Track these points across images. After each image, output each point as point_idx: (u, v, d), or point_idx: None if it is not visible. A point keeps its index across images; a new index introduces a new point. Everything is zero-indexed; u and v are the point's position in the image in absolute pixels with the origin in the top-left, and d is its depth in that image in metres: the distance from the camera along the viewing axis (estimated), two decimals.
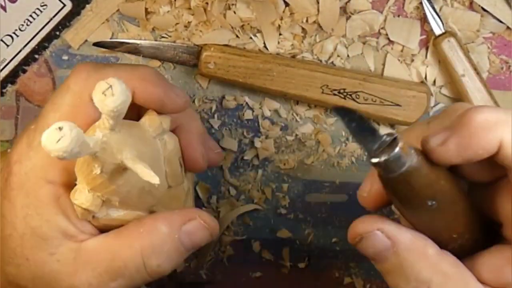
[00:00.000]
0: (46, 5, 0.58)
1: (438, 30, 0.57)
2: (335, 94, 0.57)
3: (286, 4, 0.57)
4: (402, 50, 0.59)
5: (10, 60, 0.58)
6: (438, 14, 0.57)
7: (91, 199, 0.43)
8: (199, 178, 0.61)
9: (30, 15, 0.58)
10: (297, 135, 0.60)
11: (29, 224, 0.44)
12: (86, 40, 0.59)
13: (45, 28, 0.58)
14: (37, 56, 0.59)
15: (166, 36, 0.59)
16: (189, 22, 0.58)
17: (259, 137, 0.60)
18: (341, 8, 0.57)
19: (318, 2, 0.57)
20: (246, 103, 0.60)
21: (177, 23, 0.58)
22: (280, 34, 0.58)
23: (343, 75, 0.57)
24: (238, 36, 0.58)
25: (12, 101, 0.60)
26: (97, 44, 0.59)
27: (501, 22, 0.58)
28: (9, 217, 0.45)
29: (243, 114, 0.60)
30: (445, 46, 0.57)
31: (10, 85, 0.59)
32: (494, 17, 0.58)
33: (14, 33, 0.58)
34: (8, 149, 0.59)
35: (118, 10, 0.58)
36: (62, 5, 0.58)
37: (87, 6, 0.58)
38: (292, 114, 0.60)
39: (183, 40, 0.58)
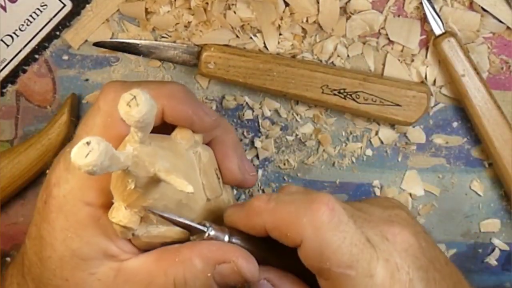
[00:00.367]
0: (46, 5, 0.58)
1: (438, 30, 0.57)
2: (335, 94, 0.57)
3: (286, 4, 0.57)
4: (402, 50, 0.59)
5: (10, 60, 0.58)
6: (438, 14, 0.57)
7: (129, 216, 0.43)
8: None
9: (30, 15, 0.58)
10: (297, 135, 0.60)
11: (69, 246, 0.44)
12: (86, 40, 0.59)
13: (45, 28, 0.58)
14: (37, 56, 0.59)
15: (166, 36, 0.59)
16: (189, 22, 0.58)
17: (259, 137, 0.60)
18: (341, 8, 0.57)
19: (318, 2, 0.57)
20: (246, 103, 0.60)
21: (177, 23, 0.58)
22: (280, 34, 0.58)
23: (343, 75, 0.57)
24: (238, 36, 0.58)
25: (12, 101, 0.60)
26: (97, 44, 0.59)
27: (501, 22, 0.58)
28: (48, 239, 0.45)
29: (243, 114, 0.60)
30: (445, 46, 0.57)
31: (10, 85, 0.59)
32: (494, 17, 0.58)
33: (14, 33, 0.58)
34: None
35: (118, 10, 0.58)
36: (62, 5, 0.58)
37: (87, 6, 0.58)
38: (292, 114, 0.60)
39: (183, 40, 0.58)
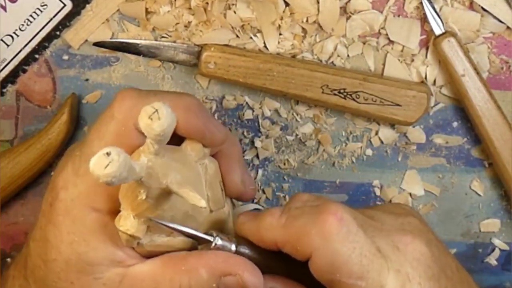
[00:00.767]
0: (46, 5, 0.58)
1: (438, 30, 0.57)
2: (335, 94, 0.57)
3: (286, 4, 0.57)
4: (402, 50, 0.59)
5: (10, 60, 0.58)
6: (438, 14, 0.57)
7: (137, 225, 0.43)
8: None
9: (30, 15, 0.58)
10: (297, 135, 0.60)
11: (75, 249, 0.44)
12: (86, 40, 0.59)
13: (45, 28, 0.58)
14: (37, 56, 0.59)
15: (166, 36, 0.59)
16: (189, 22, 0.58)
17: (259, 137, 0.60)
18: (341, 8, 0.57)
19: (318, 2, 0.57)
20: (246, 103, 0.60)
21: (177, 23, 0.58)
22: (280, 34, 0.58)
23: (343, 75, 0.57)
24: (238, 36, 0.58)
25: (12, 101, 0.60)
26: (97, 44, 0.59)
27: (501, 22, 0.58)
28: (54, 241, 0.45)
29: (243, 114, 0.60)
30: (445, 46, 0.57)
31: (10, 85, 0.59)
32: (494, 17, 0.58)
33: (14, 33, 0.58)
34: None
35: (118, 10, 0.58)
36: (62, 5, 0.58)
37: (87, 6, 0.58)
38: (292, 114, 0.60)
39: (183, 40, 0.58)
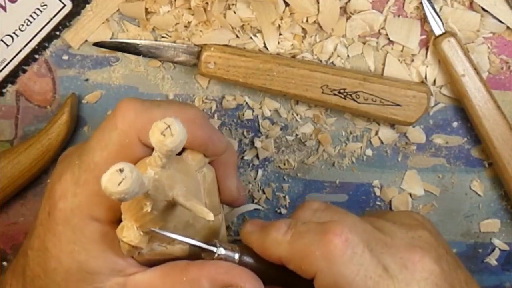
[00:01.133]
0: (46, 5, 0.58)
1: (438, 30, 0.57)
2: (335, 94, 0.57)
3: (286, 4, 0.57)
4: (402, 50, 0.59)
5: (10, 60, 0.58)
6: (438, 14, 0.57)
7: (140, 236, 0.43)
8: None
9: (30, 15, 0.58)
10: (297, 135, 0.60)
11: (75, 259, 0.44)
12: (86, 40, 0.59)
13: (45, 28, 0.58)
14: (37, 56, 0.59)
15: (166, 36, 0.59)
16: (189, 22, 0.58)
17: (259, 137, 0.60)
18: (341, 8, 0.57)
19: (318, 2, 0.57)
20: (246, 103, 0.60)
21: (177, 23, 0.58)
22: (280, 34, 0.58)
23: (343, 75, 0.57)
24: (238, 36, 0.58)
25: (12, 101, 0.60)
26: (97, 44, 0.59)
27: (501, 22, 0.58)
28: (54, 251, 0.45)
29: (243, 114, 0.60)
30: (445, 46, 0.57)
31: (10, 85, 0.59)
32: (494, 17, 0.58)
33: (14, 33, 0.58)
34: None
35: (118, 10, 0.58)
36: (62, 5, 0.58)
37: (87, 6, 0.58)
38: (292, 114, 0.60)
39: (183, 40, 0.58)
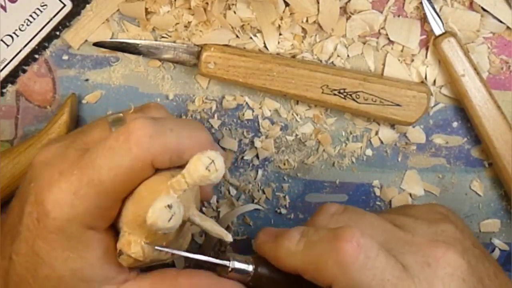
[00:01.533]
0: (46, 5, 0.58)
1: (438, 30, 0.57)
2: (335, 94, 0.57)
3: (286, 4, 0.57)
4: (402, 50, 0.59)
5: (10, 60, 0.58)
6: (438, 14, 0.57)
7: (147, 251, 0.44)
8: None
9: (30, 15, 0.58)
10: (297, 135, 0.60)
11: (69, 266, 0.45)
12: (86, 40, 0.59)
13: (45, 28, 0.58)
14: (37, 56, 0.59)
15: (166, 36, 0.59)
16: (189, 22, 0.58)
17: (259, 137, 0.60)
18: (341, 8, 0.57)
19: (318, 2, 0.57)
20: (246, 103, 0.60)
21: (177, 23, 0.58)
22: (280, 34, 0.58)
23: (343, 75, 0.57)
24: (238, 36, 0.58)
25: (12, 101, 0.60)
26: (97, 44, 0.59)
27: (501, 22, 0.58)
28: (46, 258, 0.45)
29: (243, 114, 0.60)
30: (445, 46, 0.57)
31: (10, 85, 0.59)
32: (494, 17, 0.58)
33: (14, 33, 0.58)
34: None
35: (118, 10, 0.58)
36: (62, 5, 0.58)
37: (87, 6, 0.58)
38: (292, 114, 0.60)
39: (183, 40, 0.58)
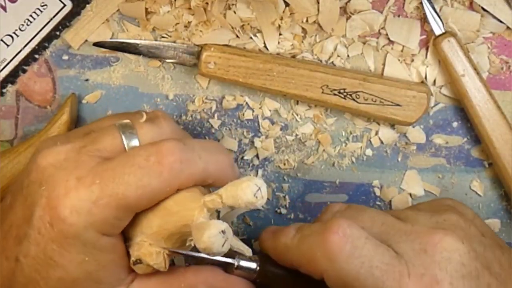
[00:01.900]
0: (46, 5, 0.58)
1: (438, 30, 0.57)
2: (335, 94, 0.57)
3: (286, 4, 0.57)
4: (402, 50, 0.59)
5: (10, 60, 0.58)
6: (438, 14, 0.57)
7: (167, 260, 0.46)
8: None
9: (30, 15, 0.58)
10: (297, 135, 0.60)
11: (84, 269, 0.46)
12: (86, 40, 0.59)
13: (45, 28, 0.58)
14: (37, 56, 0.59)
15: (166, 36, 0.59)
16: (189, 22, 0.58)
17: (259, 137, 0.60)
18: (341, 8, 0.57)
19: (318, 2, 0.57)
20: (246, 103, 0.60)
21: (177, 23, 0.58)
22: (280, 34, 0.58)
23: (343, 75, 0.57)
24: (238, 36, 0.58)
25: (12, 101, 0.60)
26: (97, 44, 0.59)
27: (501, 22, 0.58)
28: (60, 261, 0.45)
29: (243, 114, 0.60)
30: (445, 46, 0.57)
31: (10, 85, 0.59)
32: (494, 17, 0.58)
33: (14, 33, 0.58)
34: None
35: (118, 10, 0.58)
36: (62, 5, 0.58)
37: (87, 6, 0.58)
38: (292, 114, 0.60)
39: (183, 40, 0.58)
